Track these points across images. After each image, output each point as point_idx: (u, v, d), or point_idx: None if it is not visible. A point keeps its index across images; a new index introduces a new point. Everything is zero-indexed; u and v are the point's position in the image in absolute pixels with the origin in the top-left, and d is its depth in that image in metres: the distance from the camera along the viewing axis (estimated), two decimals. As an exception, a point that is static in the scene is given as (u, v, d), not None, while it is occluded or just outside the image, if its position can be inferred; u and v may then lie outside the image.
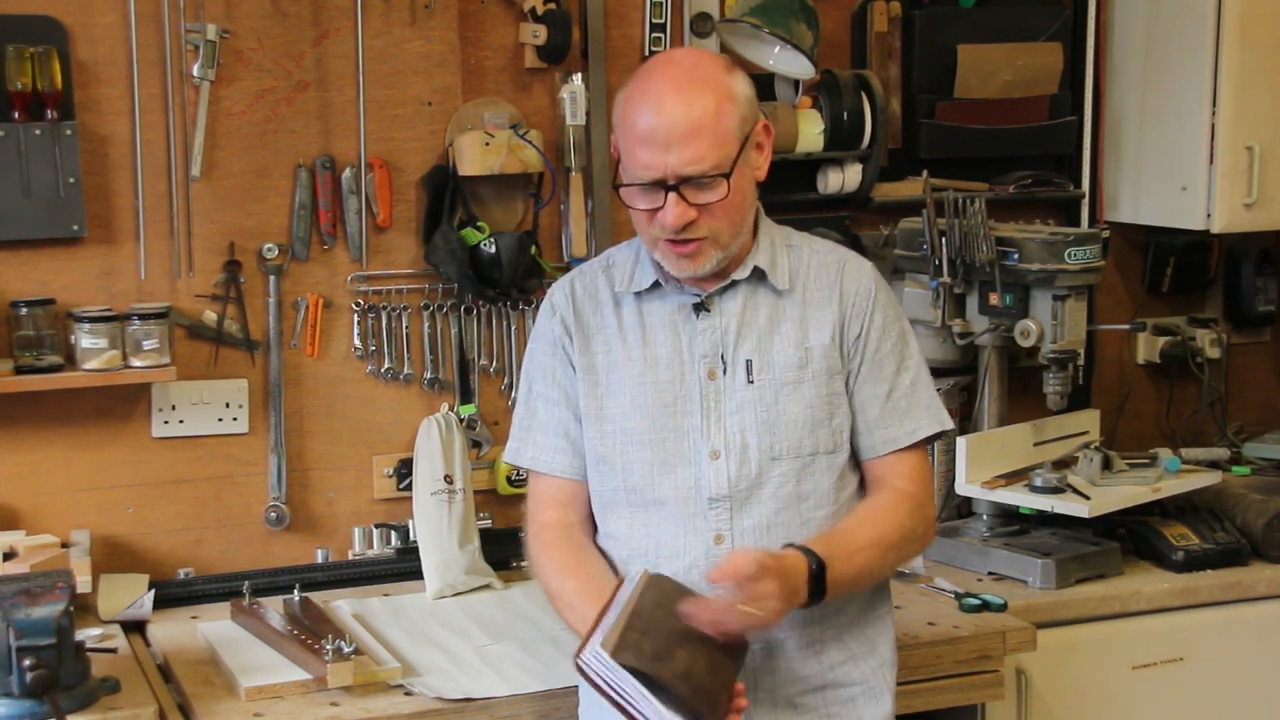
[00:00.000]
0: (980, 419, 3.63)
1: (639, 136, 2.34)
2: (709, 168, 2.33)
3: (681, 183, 2.33)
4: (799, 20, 3.50)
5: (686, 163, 2.32)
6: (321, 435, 3.44)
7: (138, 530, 3.32)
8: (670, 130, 2.32)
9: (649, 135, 2.33)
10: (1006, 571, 3.39)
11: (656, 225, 2.37)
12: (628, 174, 2.38)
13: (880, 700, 2.51)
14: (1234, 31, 3.68)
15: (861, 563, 2.38)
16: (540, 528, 2.55)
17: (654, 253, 2.43)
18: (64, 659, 2.54)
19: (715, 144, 2.33)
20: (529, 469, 2.58)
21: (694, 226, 2.36)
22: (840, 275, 2.50)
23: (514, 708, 2.76)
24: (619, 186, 2.40)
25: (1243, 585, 3.44)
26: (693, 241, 2.38)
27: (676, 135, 2.32)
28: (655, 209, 2.36)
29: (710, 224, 2.37)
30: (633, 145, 2.35)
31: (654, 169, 2.33)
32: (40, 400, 3.21)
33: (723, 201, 2.36)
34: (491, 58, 3.52)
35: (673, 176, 2.33)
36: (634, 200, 2.38)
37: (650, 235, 2.41)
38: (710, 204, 2.35)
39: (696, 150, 2.32)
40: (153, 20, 3.22)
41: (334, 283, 3.43)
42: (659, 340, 2.48)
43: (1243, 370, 4.31)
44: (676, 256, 2.40)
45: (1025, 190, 3.91)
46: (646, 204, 2.37)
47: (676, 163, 2.32)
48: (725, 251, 2.41)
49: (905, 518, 2.47)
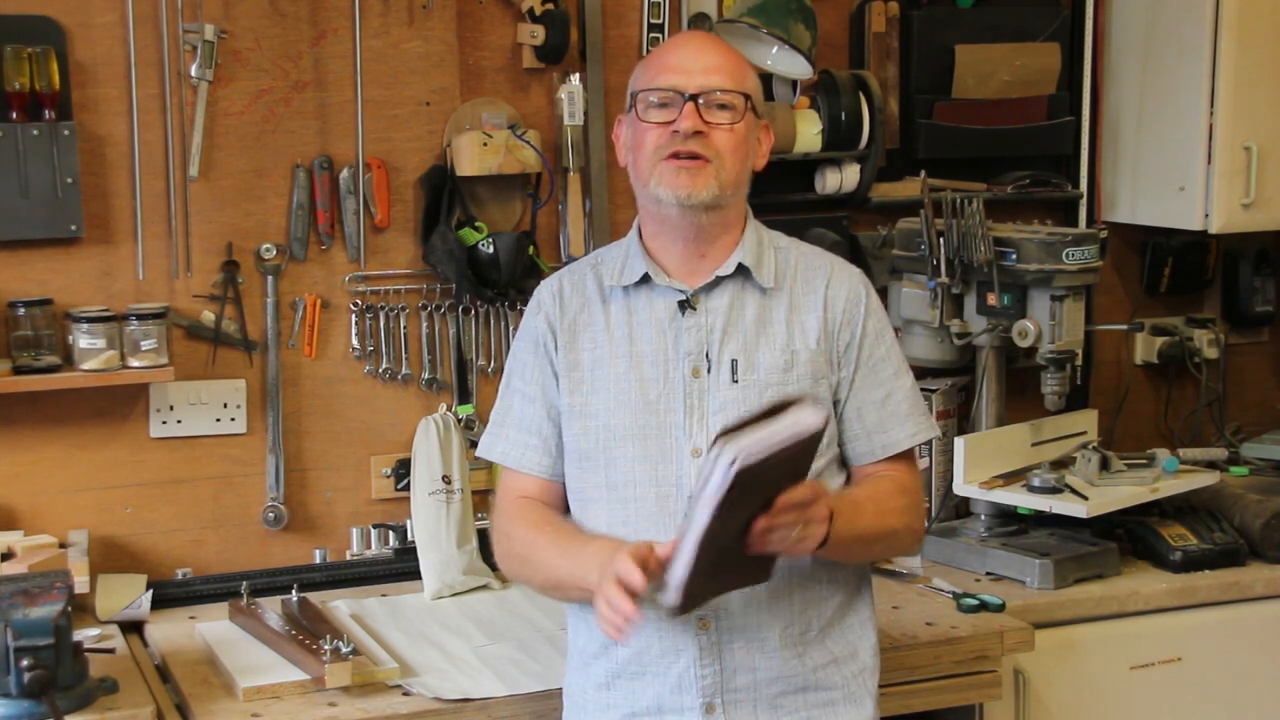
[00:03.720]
0: (978, 419, 3.63)
1: (666, 62, 2.44)
2: (730, 84, 2.41)
3: (701, 98, 2.39)
4: (797, 20, 3.50)
5: (709, 75, 2.41)
6: (319, 435, 3.44)
7: (136, 530, 3.32)
8: (697, 59, 2.43)
9: (679, 61, 2.43)
10: (1004, 572, 3.39)
11: (666, 137, 2.41)
12: (644, 89, 2.44)
13: (861, 706, 2.50)
14: (1232, 32, 3.68)
15: (863, 528, 2.39)
16: (504, 508, 2.56)
17: (651, 179, 2.42)
18: (62, 659, 2.55)
19: (737, 78, 2.44)
20: (500, 464, 2.57)
21: (704, 140, 2.40)
22: (828, 280, 2.51)
23: (512, 708, 2.77)
24: (638, 95, 2.44)
25: (1241, 585, 3.44)
26: (699, 158, 2.41)
27: (702, 64, 2.42)
28: (668, 122, 2.40)
29: (717, 146, 2.41)
30: (656, 69, 2.44)
31: (677, 78, 2.41)
32: (38, 400, 3.21)
33: (733, 128, 2.41)
34: (489, 58, 3.52)
35: (694, 87, 2.40)
36: (649, 114, 2.42)
37: (654, 154, 2.42)
38: (722, 126, 2.41)
39: (719, 77, 2.42)
40: (150, 20, 3.22)
41: (332, 283, 3.43)
42: (645, 337, 2.48)
43: (1241, 370, 4.31)
44: (678, 170, 2.41)
45: (1023, 190, 3.91)
46: (662, 116, 2.41)
47: (701, 78, 2.41)
48: (722, 189, 2.43)
49: (904, 509, 2.48)
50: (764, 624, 2.41)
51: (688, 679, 2.42)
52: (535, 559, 2.46)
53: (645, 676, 2.44)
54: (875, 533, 2.43)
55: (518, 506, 2.52)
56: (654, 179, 2.42)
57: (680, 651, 2.42)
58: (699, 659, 2.41)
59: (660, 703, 2.44)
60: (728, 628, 2.41)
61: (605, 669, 2.48)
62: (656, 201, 2.44)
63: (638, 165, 2.45)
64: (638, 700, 2.45)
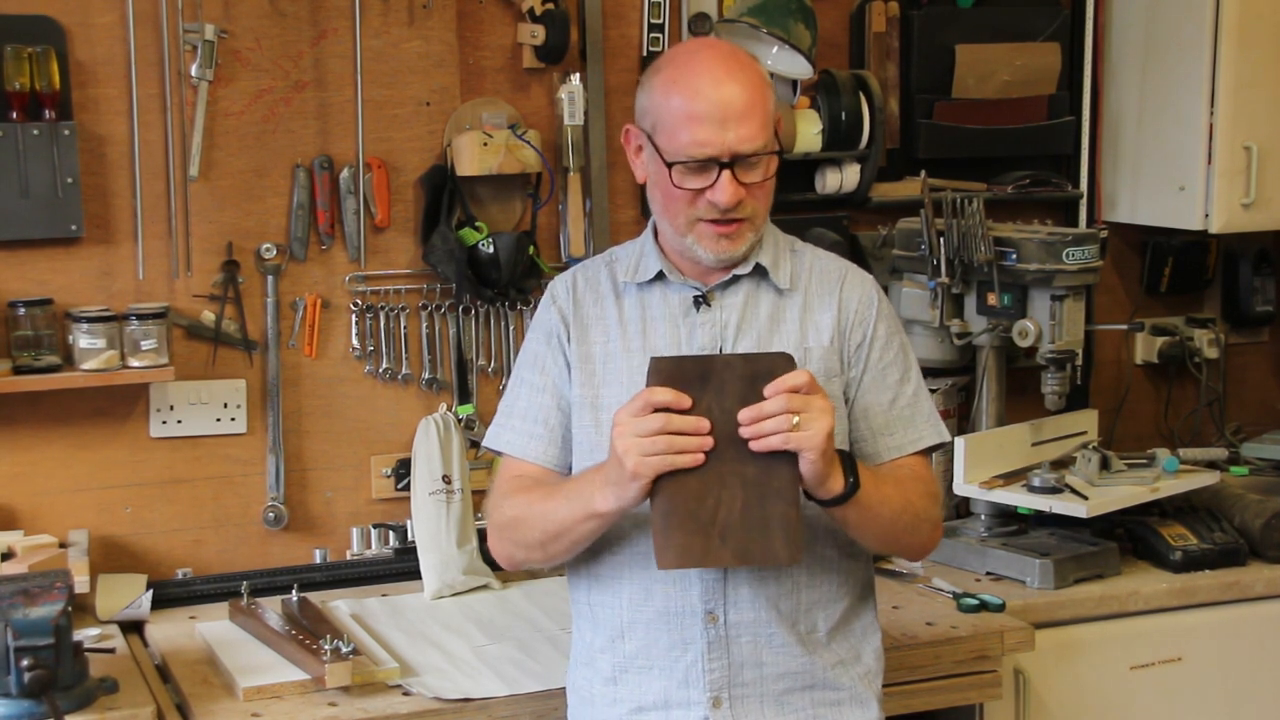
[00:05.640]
0: (978, 419, 3.63)
1: (693, 113, 2.33)
2: (761, 145, 2.35)
3: (735, 161, 2.34)
4: (797, 20, 3.50)
5: (743, 139, 2.33)
6: (320, 435, 3.44)
7: (136, 530, 3.33)
8: (728, 107, 2.33)
9: (707, 112, 2.33)
10: (1005, 572, 3.39)
11: (702, 205, 2.37)
12: (675, 153, 2.36)
13: (867, 707, 2.49)
14: (1232, 32, 3.68)
15: (887, 493, 2.37)
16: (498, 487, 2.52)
17: (687, 237, 2.40)
18: (62, 659, 2.55)
19: (765, 123, 2.36)
20: (504, 453, 2.56)
21: (739, 206, 2.37)
22: (842, 282, 2.51)
23: (512, 708, 2.77)
24: (671, 165, 2.36)
25: (1241, 585, 3.44)
26: (736, 222, 2.39)
27: (734, 112, 2.33)
28: (702, 189, 2.36)
29: (752, 204, 2.39)
30: (683, 123, 2.34)
31: (710, 146, 2.33)
32: (38, 400, 3.21)
33: (764, 183, 2.38)
34: (490, 58, 3.52)
35: (728, 154, 2.33)
36: (684, 180, 2.37)
37: (689, 217, 2.39)
38: (755, 184, 2.37)
39: (751, 128, 2.33)
40: (151, 20, 3.22)
41: (332, 283, 3.43)
42: (658, 332, 2.47)
43: (1241, 370, 4.31)
44: (717, 237, 2.39)
45: (1023, 190, 3.91)
46: (697, 183, 2.36)
47: (734, 140, 2.32)
48: (756, 236, 2.43)
49: (922, 493, 2.46)
50: (771, 620, 2.41)
51: (695, 673, 2.42)
52: (529, 515, 2.41)
53: (652, 671, 2.44)
54: (898, 503, 2.39)
55: (512, 485, 2.50)
56: (691, 238, 2.40)
57: (688, 645, 2.41)
58: (706, 653, 2.41)
59: (667, 697, 2.43)
60: (735, 622, 2.40)
61: (612, 663, 2.47)
62: (692, 253, 2.43)
63: (669, 213, 2.41)
64: (644, 694, 2.45)
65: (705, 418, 2.20)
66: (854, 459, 2.32)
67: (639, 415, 2.21)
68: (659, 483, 2.22)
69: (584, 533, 2.36)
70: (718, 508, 2.22)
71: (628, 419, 2.21)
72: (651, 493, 2.23)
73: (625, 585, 2.44)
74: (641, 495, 2.23)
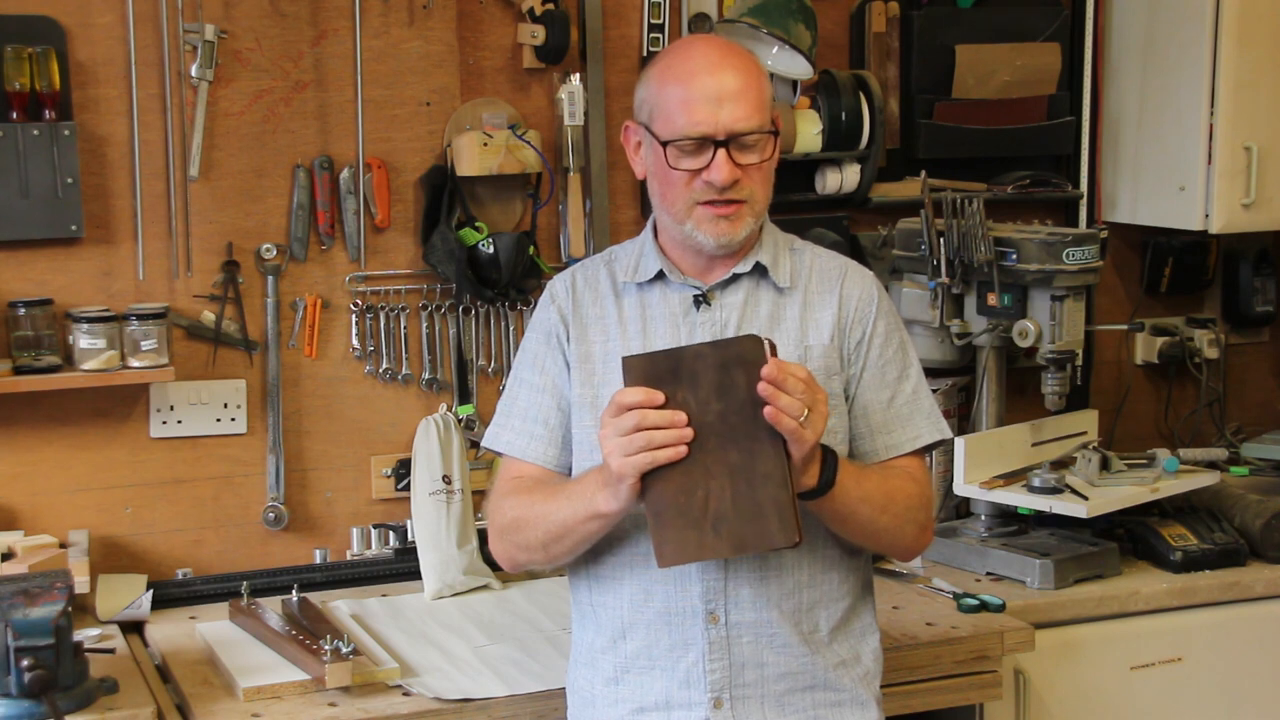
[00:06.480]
0: (978, 419, 3.63)
1: (689, 96, 2.37)
2: (756, 125, 2.38)
3: (730, 140, 2.36)
4: (797, 20, 3.50)
5: (738, 119, 2.36)
6: (320, 435, 3.44)
7: (136, 530, 3.32)
8: (722, 87, 2.36)
9: (702, 93, 2.36)
10: (1005, 572, 3.39)
11: (699, 186, 2.39)
12: (671, 134, 2.39)
13: (867, 709, 2.49)
14: (1232, 32, 3.68)
15: (869, 489, 2.38)
16: (498, 489, 2.52)
17: (686, 223, 2.41)
18: (62, 659, 2.54)
19: (759, 106, 2.39)
20: (503, 453, 2.56)
21: (737, 187, 2.39)
22: (842, 280, 2.51)
23: (512, 708, 2.77)
24: (667, 144, 2.38)
25: (1241, 585, 3.44)
26: (734, 203, 2.40)
27: (728, 92, 2.36)
28: (699, 169, 2.38)
29: (750, 187, 2.40)
30: (679, 106, 2.38)
31: (705, 124, 2.36)
32: (38, 400, 3.21)
33: (762, 165, 2.40)
34: (490, 58, 3.52)
35: (723, 132, 2.36)
36: (679, 161, 2.39)
37: (687, 200, 2.41)
38: (752, 165, 2.39)
39: (746, 108, 2.37)
40: (151, 20, 3.22)
41: (332, 283, 3.43)
42: (658, 331, 2.47)
43: (1241, 370, 4.31)
44: (716, 219, 2.40)
45: (1023, 190, 3.91)
46: (693, 164, 2.38)
47: (729, 119, 2.36)
48: (756, 221, 2.44)
49: (911, 493, 2.46)
50: (772, 620, 2.41)
51: (696, 674, 2.42)
52: (530, 516, 2.42)
53: (654, 671, 2.44)
54: (879, 502, 2.40)
55: (511, 486, 2.50)
56: (690, 223, 2.42)
57: (689, 646, 2.41)
58: (708, 653, 2.41)
59: (669, 697, 2.43)
60: (736, 622, 2.40)
61: (613, 663, 2.47)
62: (692, 239, 2.44)
63: (667, 200, 2.43)
64: (646, 695, 2.45)
65: (682, 409, 2.21)
66: (836, 456, 2.32)
67: (615, 417, 2.22)
68: (647, 481, 2.22)
69: (587, 533, 2.36)
70: (708, 499, 2.21)
71: (607, 421, 2.23)
72: (642, 492, 2.23)
73: (626, 586, 2.44)
74: (633, 495, 2.24)
